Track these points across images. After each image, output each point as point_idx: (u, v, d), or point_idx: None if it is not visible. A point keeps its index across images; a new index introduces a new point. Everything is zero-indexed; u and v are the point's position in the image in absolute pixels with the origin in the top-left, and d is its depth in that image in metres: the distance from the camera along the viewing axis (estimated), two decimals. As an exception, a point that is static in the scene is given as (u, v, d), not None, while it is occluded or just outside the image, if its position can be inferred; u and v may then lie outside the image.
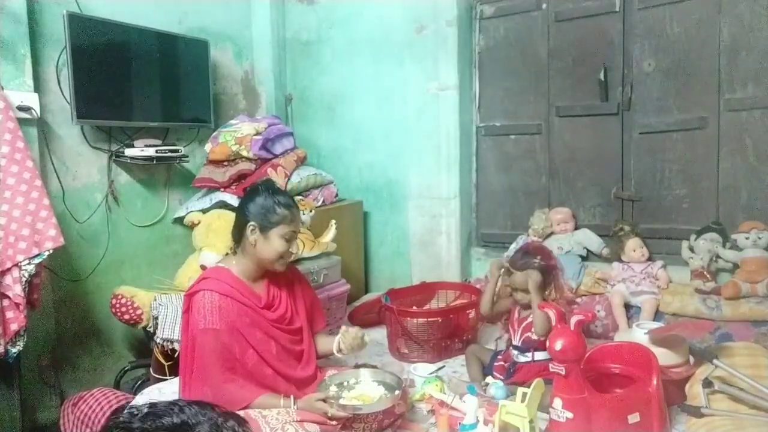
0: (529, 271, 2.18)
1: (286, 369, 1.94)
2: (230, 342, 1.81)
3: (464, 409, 1.93)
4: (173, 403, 0.82)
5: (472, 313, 2.72)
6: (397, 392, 1.90)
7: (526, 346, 2.22)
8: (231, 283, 1.89)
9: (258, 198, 1.92)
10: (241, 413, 1.68)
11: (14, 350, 2.12)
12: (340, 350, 2.03)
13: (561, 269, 2.34)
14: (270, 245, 1.89)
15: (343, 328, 2.07)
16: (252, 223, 1.89)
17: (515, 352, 2.26)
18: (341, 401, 1.85)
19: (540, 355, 2.19)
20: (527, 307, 2.27)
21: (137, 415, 0.80)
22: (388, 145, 3.57)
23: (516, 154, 3.35)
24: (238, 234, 1.94)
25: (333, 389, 1.92)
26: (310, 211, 2.95)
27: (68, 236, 2.42)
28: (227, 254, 2.05)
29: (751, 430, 1.76)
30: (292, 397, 1.81)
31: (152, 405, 0.82)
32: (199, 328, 1.80)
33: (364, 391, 1.95)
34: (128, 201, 2.95)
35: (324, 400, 1.79)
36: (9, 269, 2.07)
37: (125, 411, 0.82)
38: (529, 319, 2.21)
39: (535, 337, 2.19)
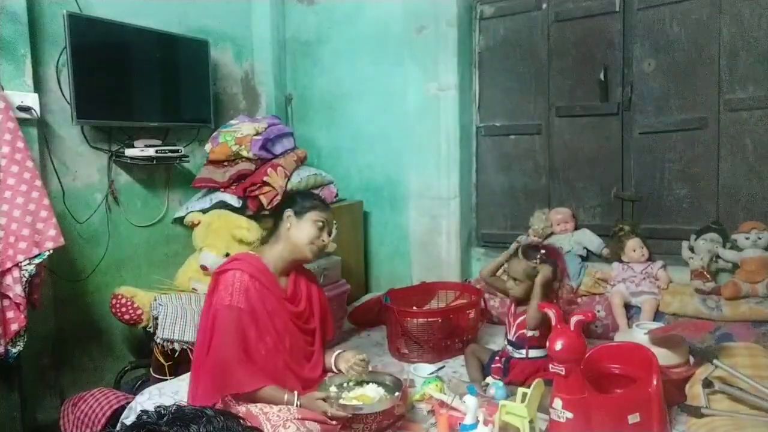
0: (543, 266, 2.20)
1: (296, 365, 1.97)
2: (250, 324, 1.86)
3: (464, 409, 1.93)
4: (201, 411, 0.81)
5: (472, 313, 2.72)
6: (396, 394, 1.90)
7: (520, 343, 2.23)
8: (261, 269, 1.96)
9: (294, 195, 2.19)
10: (243, 409, 1.70)
11: (14, 350, 2.12)
12: (339, 370, 2.06)
13: (567, 275, 2.36)
14: (302, 230, 2.00)
15: (346, 357, 2.07)
16: (288, 209, 2.04)
17: (510, 347, 2.27)
18: (341, 401, 1.85)
19: (534, 353, 2.20)
20: (521, 302, 2.28)
21: (165, 416, 0.79)
22: (388, 145, 3.57)
23: (516, 154, 3.35)
24: (275, 226, 2.08)
25: (333, 390, 1.92)
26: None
27: (68, 236, 2.42)
28: (258, 246, 2.18)
29: (751, 431, 1.76)
30: (295, 393, 1.82)
31: (179, 409, 0.81)
32: (224, 304, 1.85)
33: (364, 392, 1.95)
34: (128, 201, 2.95)
35: (324, 400, 1.79)
36: (9, 269, 2.08)
37: (152, 410, 0.81)
38: (524, 317, 2.22)
39: (529, 334, 2.19)
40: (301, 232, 2.00)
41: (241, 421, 0.83)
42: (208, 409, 0.82)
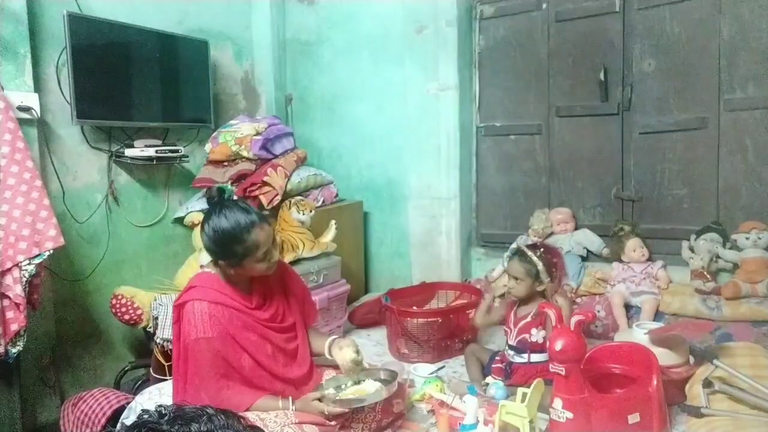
0: (559, 297, 2.19)
1: (282, 369, 1.92)
2: (223, 349, 1.79)
3: (464, 409, 1.94)
4: (202, 409, 0.81)
5: (472, 313, 2.72)
6: (393, 382, 1.88)
7: (522, 347, 2.23)
8: (219, 288, 1.85)
9: (214, 235, 1.77)
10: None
11: (14, 350, 2.11)
12: (332, 357, 2.00)
13: (565, 271, 2.35)
14: (248, 271, 1.83)
15: (340, 345, 1.99)
16: (221, 262, 1.81)
17: (511, 352, 2.26)
18: (338, 398, 1.84)
19: (536, 357, 2.20)
20: (522, 303, 2.28)
21: (165, 416, 0.79)
22: (388, 145, 3.57)
23: (516, 154, 3.35)
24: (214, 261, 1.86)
25: (330, 391, 1.91)
26: (310, 211, 2.95)
27: (68, 236, 2.42)
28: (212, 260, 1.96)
29: (751, 430, 1.76)
30: (290, 398, 1.81)
31: (180, 408, 0.81)
32: (191, 338, 1.77)
33: (361, 389, 1.94)
34: (128, 201, 2.94)
35: (320, 400, 1.78)
36: (9, 269, 2.07)
37: (153, 410, 0.81)
38: (527, 320, 2.22)
39: (532, 339, 2.20)
40: (248, 273, 1.83)
41: (242, 420, 0.83)
42: (209, 407, 0.82)
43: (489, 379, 2.27)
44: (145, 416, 0.80)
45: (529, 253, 2.24)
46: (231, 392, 1.78)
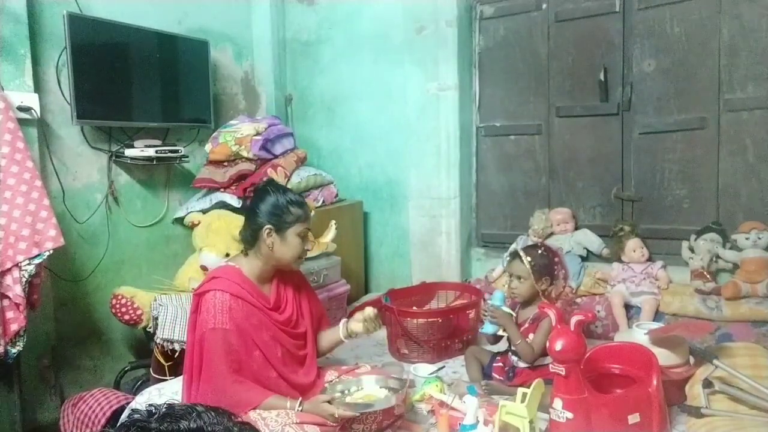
0: (544, 318, 2.15)
1: (290, 373, 1.93)
2: (238, 343, 1.81)
3: (464, 409, 1.93)
4: (192, 407, 0.81)
5: (472, 314, 2.72)
6: (401, 391, 1.89)
7: None
8: (240, 283, 1.88)
9: (269, 198, 1.90)
10: (241, 414, 1.68)
11: (14, 350, 2.11)
12: (348, 335, 2.02)
13: (565, 270, 2.34)
14: (288, 246, 1.89)
15: (357, 315, 2.02)
16: (268, 226, 1.87)
17: (514, 358, 2.25)
18: (347, 400, 1.84)
19: (539, 360, 2.19)
20: (524, 304, 2.28)
21: (155, 414, 0.79)
22: (388, 145, 3.57)
23: (516, 154, 3.35)
24: (252, 237, 1.92)
25: (337, 395, 1.91)
26: (310, 211, 2.94)
27: (68, 236, 2.42)
28: (237, 255, 2.03)
29: (751, 431, 1.76)
30: (299, 399, 1.80)
31: (170, 406, 0.81)
32: (209, 328, 1.79)
33: (368, 393, 1.94)
34: (128, 201, 2.94)
35: (330, 402, 1.78)
36: (9, 269, 2.07)
37: (144, 408, 0.81)
38: (527, 324, 2.22)
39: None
40: (286, 249, 1.89)
41: (233, 417, 0.83)
42: (199, 405, 0.82)
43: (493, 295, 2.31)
44: (135, 415, 0.80)
45: (522, 254, 2.24)
46: (242, 387, 1.79)
